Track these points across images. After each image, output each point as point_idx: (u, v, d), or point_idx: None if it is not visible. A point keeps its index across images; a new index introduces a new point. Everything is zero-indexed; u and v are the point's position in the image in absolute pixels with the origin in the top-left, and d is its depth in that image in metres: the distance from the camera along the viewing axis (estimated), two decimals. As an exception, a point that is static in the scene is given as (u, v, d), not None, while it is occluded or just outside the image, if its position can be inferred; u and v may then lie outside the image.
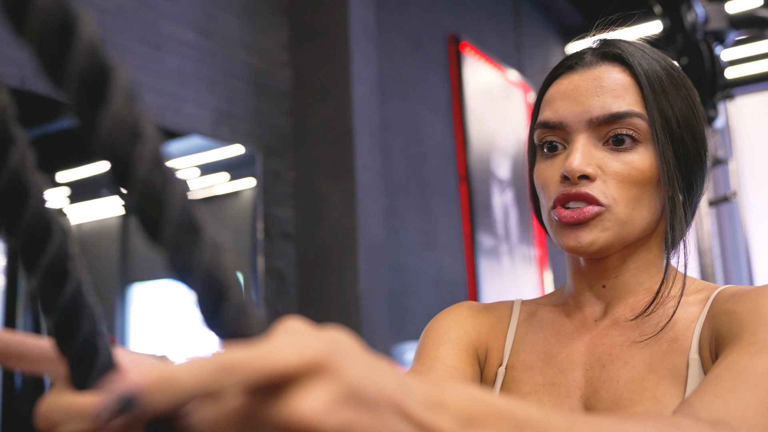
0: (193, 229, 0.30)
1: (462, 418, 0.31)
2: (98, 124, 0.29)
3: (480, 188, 4.67)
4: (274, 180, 3.28)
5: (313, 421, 0.27)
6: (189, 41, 2.97)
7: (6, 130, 0.30)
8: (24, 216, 0.30)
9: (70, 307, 0.31)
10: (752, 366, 0.51)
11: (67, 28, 0.28)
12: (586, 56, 0.73)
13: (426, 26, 4.44)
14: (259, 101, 3.26)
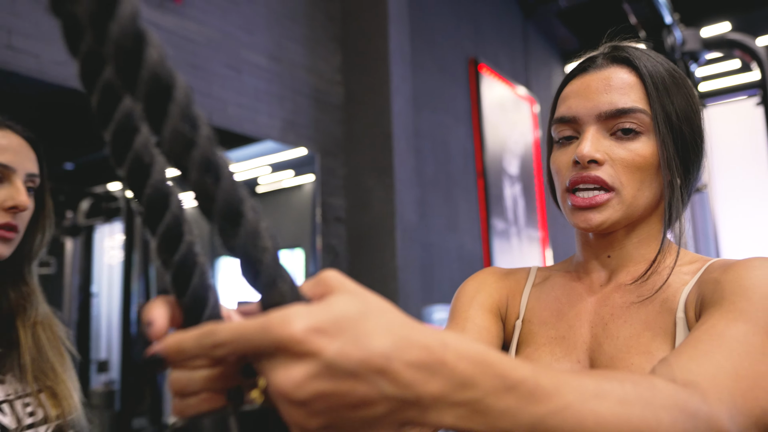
0: (236, 217, 0.30)
1: (457, 379, 0.29)
2: (161, 133, 0.30)
3: (494, 182, 4.65)
4: (329, 175, 3.30)
5: (285, 393, 0.27)
6: (263, 65, 3.00)
7: (132, 123, 0.31)
8: (147, 188, 0.30)
9: (183, 264, 0.32)
10: (728, 331, 0.48)
11: (139, 46, 0.28)
12: (598, 59, 0.70)
13: (451, 51, 4.41)
14: (317, 112, 3.28)
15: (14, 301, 0.87)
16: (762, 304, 0.51)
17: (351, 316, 0.28)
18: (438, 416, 0.29)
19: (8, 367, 0.83)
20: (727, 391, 0.41)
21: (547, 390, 0.32)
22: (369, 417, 0.28)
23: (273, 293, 0.30)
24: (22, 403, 0.83)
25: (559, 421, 0.31)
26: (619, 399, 0.34)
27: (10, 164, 0.83)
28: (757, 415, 0.42)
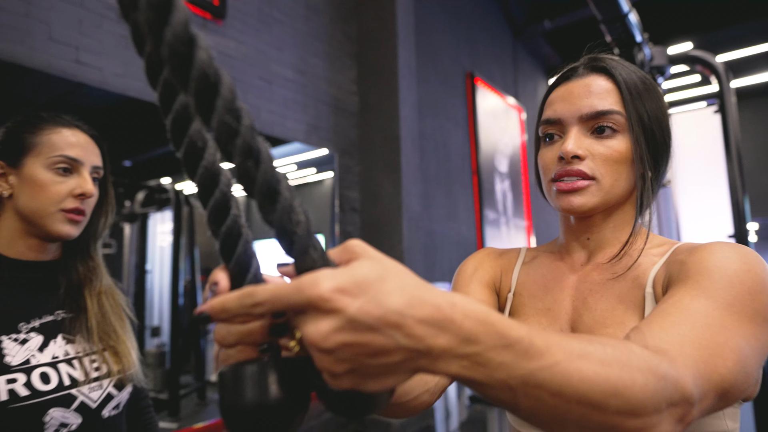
0: (273, 195, 0.30)
1: (462, 335, 0.29)
2: (210, 124, 0.30)
3: (486, 178, 4.63)
4: (346, 172, 3.30)
5: (315, 343, 0.27)
6: (290, 78, 3.00)
7: (188, 113, 0.31)
8: (199, 168, 0.31)
9: (229, 234, 0.32)
10: (692, 305, 0.47)
11: (190, 49, 0.28)
12: (579, 69, 0.69)
13: (450, 66, 4.38)
14: (336, 118, 3.27)
15: (82, 274, 0.88)
16: (722, 283, 0.50)
17: (371, 278, 0.28)
18: (445, 366, 0.30)
19: (77, 329, 0.84)
20: (692, 359, 0.41)
21: (540, 348, 0.32)
22: (386, 364, 0.29)
23: (305, 259, 0.30)
24: (89, 360, 0.83)
25: (548, 375, 0.31)
26: (600, 360, 0.34)
27: (79, 158, 0.84)
28: (716, 381, 0.41)
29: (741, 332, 0.46)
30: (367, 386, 0.29)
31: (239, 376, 0.30)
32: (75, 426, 0.78)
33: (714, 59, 2.40)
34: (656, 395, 0.35)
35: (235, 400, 0.30)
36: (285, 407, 0.30)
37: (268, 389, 0.30)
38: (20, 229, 0.83)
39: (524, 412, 0.33)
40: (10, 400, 0.72)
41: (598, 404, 0.33)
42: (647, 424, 0.35)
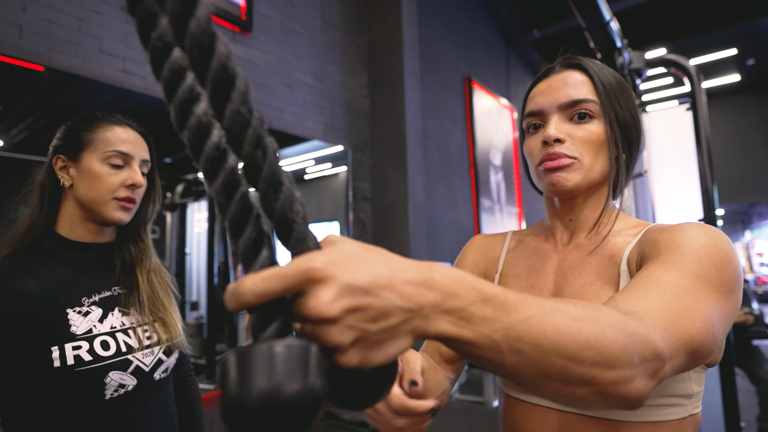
0: (276, 185, 0.28)
1: (445, 291, 0.29)
2: (223, 113, 0.27)
3: (482, 171, 4.60)
4: (359, 166, 3.29)
5: (319, 313, 0.25)
6: (309, 83, 2.98)
7: (193, 91, 0.28)
8: (206, 147, 0.27)
9: (239, 212, 0.28)
10: (663, 276, 0.45)
11: (212, 41, 0.26)
12: (556, 66, 0.68)
13: (450, 72, 4.34)
14: (350, 119, 3.26)
15: (134, 254, 0.89)
16: (690, 257, 0.48)
17: (356, 252, 0.28)
18: (437, 323, 0.29)
19: (131, 303, 0.85)
20: (661, 320, 0.39)
21: (515, 304, 0.31)
22: (388, 327, 0.27)
23: (302, 246, 0.28)
24: (142, 330, 0.84)
25: (525, 328, 0.30)
26: (571, 315, 0.33)
27: (130, 152, 0.84)
28: (686, 340, 0.40)
29: (708, 300, 0.45)
30: (373, 358, 0.27)
31: (278, 355, 0.23)
32: (131, 387, 0.79)
33: (687, 62, 2.35)
34: (627, 349, 0.34)
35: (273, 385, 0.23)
36: (323, 394, 0.25)
37: (313, 371, 0.24)
38: (80, 215, 0.83)
39: (510, 370, 0.31)
40: (76, 364, 0.73)
41: (574, 356, 0.32)
42: (622, 377, 0.33)
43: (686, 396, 0.55)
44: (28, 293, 0.74)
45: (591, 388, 0.33)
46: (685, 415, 0.55)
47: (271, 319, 0.26)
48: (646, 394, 0.35)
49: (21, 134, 1.90)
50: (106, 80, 2.07)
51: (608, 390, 0.33)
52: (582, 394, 0.33)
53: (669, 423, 0.54)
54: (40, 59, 1.89)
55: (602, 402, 0.34)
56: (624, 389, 0.34)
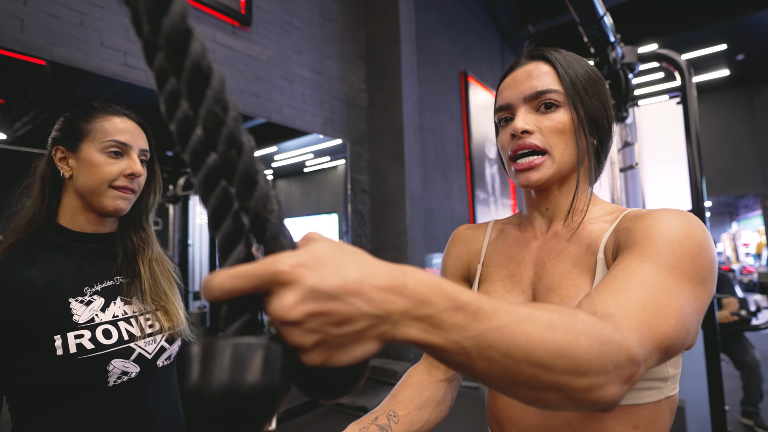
0: (251, 183, 0.28)
1: (417, 298, 0.28)
2: (198, 112, 0.27)
3: (478, 164, 4.59)
4: (357, 159, 3.28)
5: (281, 315, 0.25)
6: (308, 77, 2.96)
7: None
8: (190, 141, 0.27)
9: (220, 205, 0.28)
10: (638, 271, 0.44)
11: (186, 39, 0.26)
12: (522, 59, 0.67)
13: (447, 67, 4.31)
14: (348, 112, 3.24)
15: (136, 244, 0.88)
16: (664, 248, 0.47)
17: (328, 254, 0.27)
18: (405, 330, 0.28)
19: (133, 292, 0.84)
20: (636, 322, 0.39)
21: (488, 312, 0.30)
22: (352, 332, 0.26)
23: (275, 244, 0.28)
24: (144, 318, 0.83)
25: (497, 336, 0.30)
26: (546, 324, 0.32)
27: (128, 142, 0.82)
28: (660, 339, 0.39)
29: (682, 292, 0.44)
30: (337, 359, 0.27)
31: (240, 352, 0.24)
32: (134, 374, 0.79)
33: (678, 57, 2.33)
34: (601, 356, 0.33)
35: (234, 378, 0.24)
36: (280, 389, 0.25)
37: (270, 368, 0.25)
38: (80, 206, 0.82)
39: (480, 375, 0.31)
40: (78, 353, 0.73)
41: (545, 364, 0.31)
42: (594, 384, 0.33)
43: (662, 379, 0.55)
44: (30, 283, 0.73)
45: (562, 395, 0.32)
46: (661, 398, 0.55)
47: (240, 314, 0.26)
48: (618, 399, 0.35)
49: (24, 128, 1.88)
50: (108, 74, 2.04)
51: (579, 396, 0.33)
52: (552, 399, 0.33)
53: (646, 405, 0.54)
54: (42, 53, 1.86)
55: (574, 406, 0.34)
56: (595, 395, 0.33)
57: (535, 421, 0.59)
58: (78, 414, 0.73)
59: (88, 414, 0.74)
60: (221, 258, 0.28)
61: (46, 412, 0.72)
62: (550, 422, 0.58)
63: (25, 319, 0.71)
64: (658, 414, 0.55)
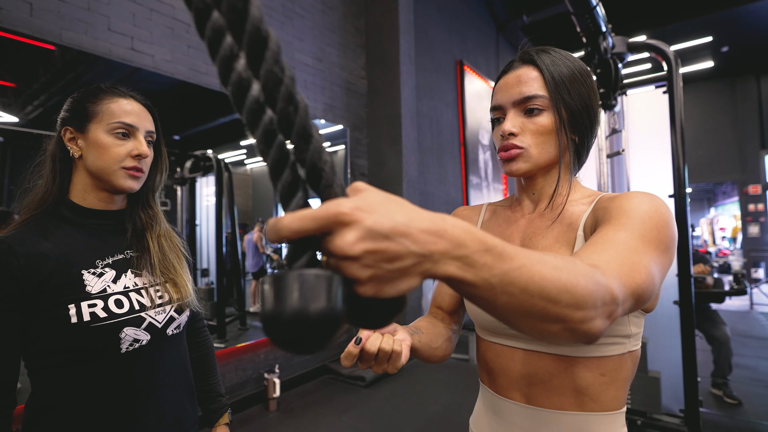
0: (307, 137, 0.29)
1: (454, 241, 0.30)
2: (258, 72, 0.28)
3: (472, 150, 4.56)
4: (356, 144, 3.25)
5: (343, 251, 0.27)
6: (310, 64, 2.91)
7: (234, 49, 0.28)
8: (247, 100, 0.28)
9: (279, 160, 0.29)
10: (615, 236, 0.50)
11: (245, 4, 0.27)
12: (514, 63, 0.71)
13: (444, 55, 4.24)
14: (348, 99, 3.20)
15: (144, 220, 0.87)
16: (636, 220, 0.53)
17: (379, 201, 0.29)
18: (445, 267, 0.31)
19: (143, 265, 0.84)
20: (616, 273, 0.43)
21: (510, 254, 0.33)
22: (401, 268, 0.29)
23: (330, 192, 0.30)
24: (154, 290, 0.83)
25: (518, 275, 0.33)
26: (553, 266, 0.36)
27: (134, 124, 0.81)
28: (633, 287, 0.44)
29: (650, 255, 0.49)
30: (386, 291, 0.29)
31: (309, 282, 0.26)
32: (145, 341, 0.79)
33: (666, 47, 2.30)
34: (593, 294, 0.37)
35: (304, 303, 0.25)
36: (342, 315, 0.27)
37: (334, 296, 0.27)
38: (91, 184, 0.81)
39: (500, 309, 0.34)
40: (92, 321, 0.73)
41: (554, 298, 0.35)
42: (587, 317, 0.37)
43: (626, 336, 0.63)
44: (44, 255, 0.73)
45: (562, 325, 0.37)
46: (624, 351, 0.63)
47: (303, 251, 0.29)
48: (602, 331, 0.40)
49: (35, 111, 1.85)
50: (116, 58, 2.00)
51: (575, 327, 0.37)
52: (554, 329, 0.37)
53: (611, 357, 0.63)
54: (51, 36, 1.82)
55: (569, 337, 0.38)
56: (587, 326, 0.38)
57: (519, 369, 0.67)
58: (92, 378, 0.74)
59: (102, 378, 0.75)
60: (283, 205, 0.30)
61: (62, 375, 0.73)
62: (531, 369, 0.66)
63: (40, 289, 0.71)
64: (621, 365, 0.63)
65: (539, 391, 0.65)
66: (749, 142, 9.01)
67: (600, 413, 0.62)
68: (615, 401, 0.63)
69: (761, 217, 8.76)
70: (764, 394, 3.22)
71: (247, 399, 2.48)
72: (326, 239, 0.28)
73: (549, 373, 0.64)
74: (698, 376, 2.09)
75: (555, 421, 0.64)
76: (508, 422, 0.69)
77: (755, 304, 7.04)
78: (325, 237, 0.28)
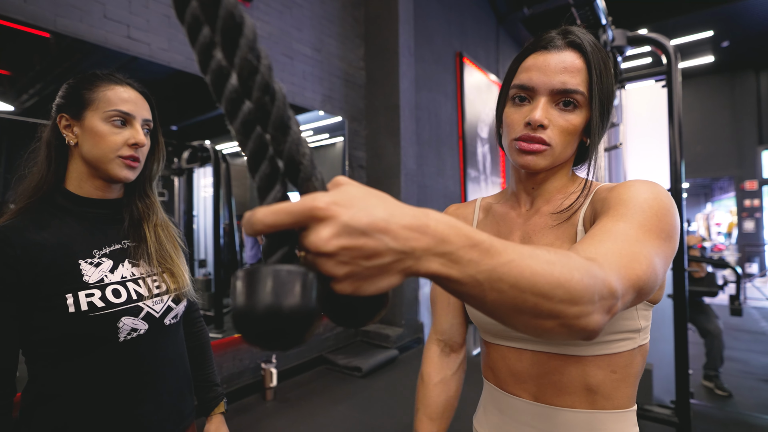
0: (284, 129, 0.28)
1: (438, 237, 0.29)
2: (233, 61, 0.27)
3: (470, 143, 4.55)
4: (355, 135, 3.24)
5: (317, 247, 0.26)
6: (309, 55, 2.88)
7: (212, 44, 0.27)
8: (225, 90, 0.28)
9: (257, 151, 0.28)
10: (614, 228, 0.47)
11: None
12: (557, 41, 0.62)
13: (443, 47, 4.21)
14: (347, 90, 3.18)
15: (141, 210, 0.87)
16: (635, 209, 0.50)
17: (359, 195, 0.28)
18: (428, 264, 0.29)
19: (140, 255, 0.84)
20: (615, 265, 0.41)
21: (498, 249, 0.32)
22: (379, 266, 0.28)
23: (308, 186, 0.29)
24: (151, 280, 0.83)
25: (506, 270, 0.32)
26: (545, 260, 0.34)
27: (131, 112, 0.80)
28: (634, 280, 0.42)
29: (651, 245, 0.47)
30: (365, 289, 0.28)
31: (282, 277, 0.25)
32: (143, 331, 0.79)
33: (666, 41, 2.29)
34: (589, 288, 0.36)
35: (277, 299, 0.25)
36: (316, 312, 0.27)
37: (308, 292, 0.26)
38: (87, 173, 0.81)
39: (490, 305, 0.33)
40: (89, 310, 0.73)
41: (546, 294, 0.33)
42: (584, 312, 0.35)
43: (635, 330, 0.60)
44: (41, 245, 0.73)
45: (557, 321, 0.35)
46: (634, 347, 0.61)
47: (279, 246, 0.28)
48: (601, 326, 0.38)
49: (31, 100, 1.83)
50: (112, 46, 1.98)
51: (572, 323, 0.35)
52: (549, 326, 0.35)
53: (621, 354, 0.60)
54: (46, 23, 1.79)
55: (565, 333, 0.36)
56: (584, 322, 0.36)
57: (527, 370, 0.64)
58: (90, 367, 0.74)
59: (100, 367, 0.75)
60: (260, 198, 0.29)
61: (60, 365, 0.73)
62: (540, 370, 0.63)
63: (38, 279, 0.71)
64: (632, 360, 0.61)
65: (548, 389, 0.62)
66: (747, 138, 9.02)
67: (611, 411, 0.60)
68: (626, 398, 0.61)
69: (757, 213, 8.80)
70: (754, 386, 3.26)
71: (244, 389, 2.50)
72: (302, 234, 0.27)
73: (559, 373, 0.62)
74: (690, 369, 2.11)
75: (565, 419, 0.61)
76: (515, 420, 0.66)
77: (748, 298, 7.11)
78: (302, 232, 0.27)
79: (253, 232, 0.27)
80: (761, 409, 2.81)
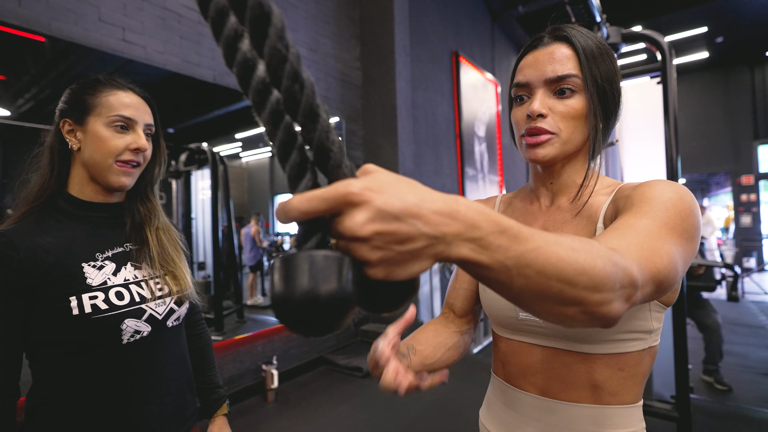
0: (314, 117, 0.28)
1: (468, 222, 0.30)
2: (262, 50, 0.27)
3: (467, 141, 4.57)
4: (352, 135, 3.25)
5: (352, 232, 0.27)
6: (304, 55, 2.89)
7: (238, 29, 0.27)
8: (252, 81, 0.28)
9: (286, 142, 0.29)
10: (635, 223, 0.48)
11: None
12: (544, 38, 0.66)
13: (439, 46, 4.22)
14: (343, 90, 3.18)
15: (143, 213, 0.88)
16: (659, 207, 0.51)
17: (390, 182, 0.28)
18: (458, 249, 0.30)
19: (142, 258, 0.84)
20: (636, 256, 0.42)
21: (526, 236, 0.32)
22: (412, 250, 0.28)
23: (338, 173, 0.29)
24: (154, 282, 0.84)
25: (534, 256, 0.32)
26: (570, 247, 0.35)
27: (133, 117, 0.81)
28: (654, 272, 0.42)
29: (672, 242, 0.47)
30: (397, 274, 0.29)
31: (319, 262, 0.25)
32: (146, 333, 0.80)
33: (661, 37, 2.31)
34: (611, 276, 0.36)
35: (314, 284, 0.25)
36: (353, 296, 0.27)
37: (345, 277, 0.26)
38: (88, 177, 0.81)
39: (516, 292, 0.33)
40: (93, 312, 0.73)
41: (571, 280, 0.34)
42: (605, 299, 0.36)
43: (647, 331, 0.61)
44: (44, 248, 0.73)
45: (580, 308, 0.35)
46: (645, 347, 0.61)
47: (312, 233, 0.28)
48: (621, 315, 0.38)
49: (27, 104, 1.83)
50: (107, 49, 1.98)
51: (593, 309, 0.36)
52: (571, 312, 0.36)
53: (631, 354, 0.61)
54: (40, 27, 1.79)
55: (586, 320, 0.37)
56: (605, 309, 0.36)
57: (537, 365, 0.65)
58: (93, 369, 0.75)
59: (104, 369, 0.76)
60: (291, 187, 0.29)
61: (64, 367, 0.74)
62: (549, 365, 0.64)
63: (41, 282, 0.71)
64: (641, 360, 0.62)
65: (555, 384, 0.63)
66: (742, 133, 9.08)
67: (617, 406, 0.61)
68: (632, 395, 0.62)
69: (753, 207, 8.85)
70: (754, 380, 3.29)
71: (245, 390, 2.50)
72: (335, 220, 0.28)
73: (567, 369, 0.63)
74: (689, 364, 2.13)
75: (571, 413, 0.62)
76: (521, 414, 0.67)
77: (746, 293, 7.15)
78: (335, 218, 0.28)
79: (287, 219, 0.27)
80: (761, 402, 2.83)
